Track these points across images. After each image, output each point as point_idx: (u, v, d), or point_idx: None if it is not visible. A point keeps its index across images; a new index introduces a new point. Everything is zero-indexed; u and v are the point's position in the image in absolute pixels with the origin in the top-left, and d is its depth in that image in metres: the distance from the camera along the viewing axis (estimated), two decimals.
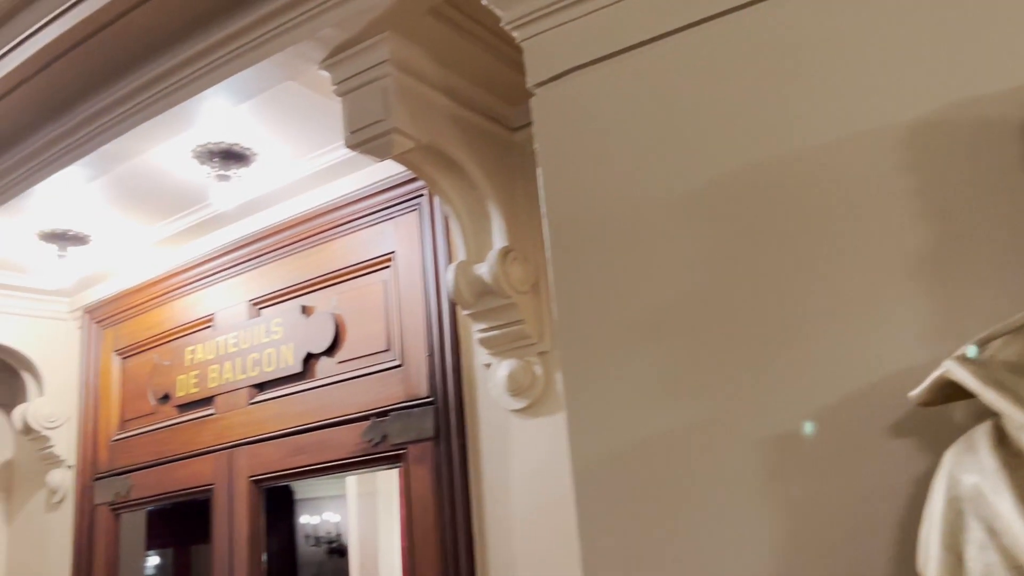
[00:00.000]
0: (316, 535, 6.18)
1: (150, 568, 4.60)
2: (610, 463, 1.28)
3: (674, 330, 1.26)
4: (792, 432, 1.13)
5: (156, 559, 4.84)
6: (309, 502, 6.20)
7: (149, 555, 4.33)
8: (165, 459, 2.97)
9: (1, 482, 3.63)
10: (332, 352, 2.59)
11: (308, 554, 6.09)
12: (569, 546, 1.40)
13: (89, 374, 3.31)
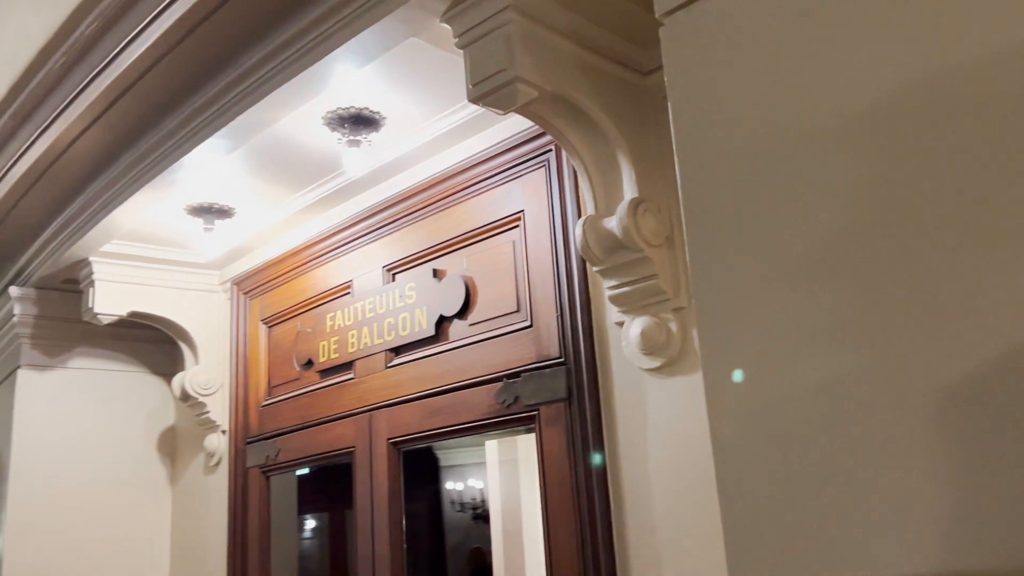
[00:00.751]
0: (461, 501, 6.32)
1: (307, 532, 4.80)
2: (752, 422, 1.17)
3: (827, 271, 1.14)
4: (969, 382, 0.99)
5: (313, 522, 5.06)
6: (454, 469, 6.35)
7: (306, 518, 4.52)
8: (309, 423, 3.07)
9: (165, 447, 3.88)
10: (464, 314, 2.58)
11: (454, 519, 6.25)
12: (711, 508, 1.31)
13: (239, 343, 3.47)
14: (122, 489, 3.72)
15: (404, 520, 2.76)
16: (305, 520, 4.61)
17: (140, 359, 3.90)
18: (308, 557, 4.66)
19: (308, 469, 3.85)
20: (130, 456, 3.77)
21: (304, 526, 4.60)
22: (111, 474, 3.70)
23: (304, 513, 4.21)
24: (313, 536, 5.08)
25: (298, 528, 3.87)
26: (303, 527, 4.53)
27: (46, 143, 2.55)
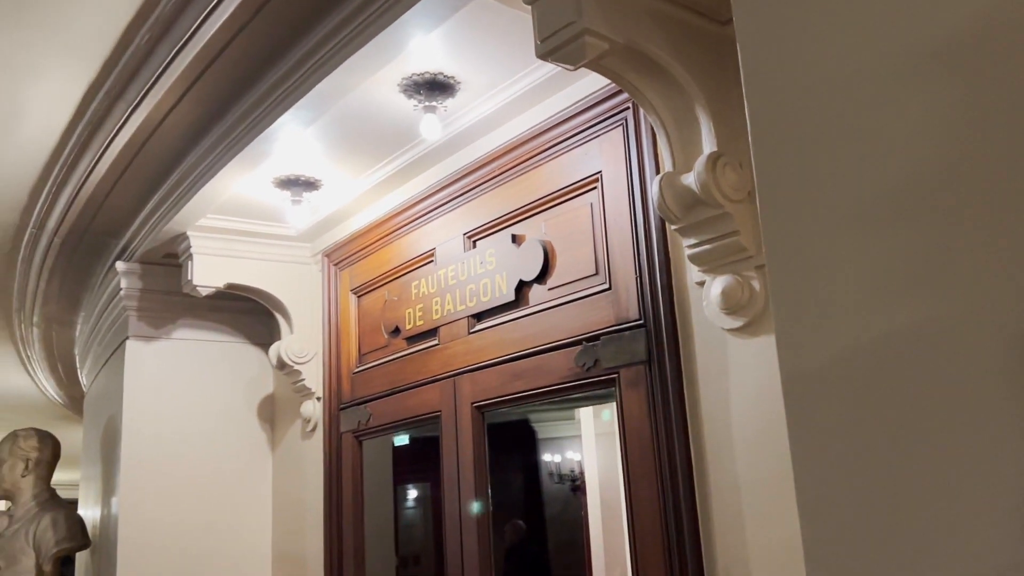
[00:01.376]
0: (559, 473, 6.37)
1: (410, 501, 4.90)
2: (825, 374, 1.11)
3: (906, 215, 1.06)
4: None
5: (414, 492, 5.18)
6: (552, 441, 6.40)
7: (408, 488, 4.62)
8: (398, 388, 3.12)
9: (265, 413, 4.03)
10: (543, 279, 2.57)
11: (553, 491, 6.30)
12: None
13: (330, 312, 3.56)
14: (226, 453, 3.89)
15: (489, 482, 2.77)
16: (407, 490, 4.72)
17: (239, 330, 4.05)
18: (409, 526, 4.75)
19: (406, 439, 3.95)
20: (232, 422, 3.94)
21: (405, 496, 4.70)
22: (215, 439, 3.88)
23: (403, 483, 4.30)
24: (414, 506, 5.19)
25: (396, 497, 3.94)
26: (403, 497, 4.62)
27: (139, 119, 2.65)
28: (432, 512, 5.10)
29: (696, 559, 2.05)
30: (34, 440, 4.26)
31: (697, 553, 2.05)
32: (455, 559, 2.77)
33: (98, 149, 2.91)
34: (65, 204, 3.36)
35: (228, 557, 3.77)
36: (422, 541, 4.48)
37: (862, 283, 1.08)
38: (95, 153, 2.94)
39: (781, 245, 1.18)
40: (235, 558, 3.77)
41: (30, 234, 3.74)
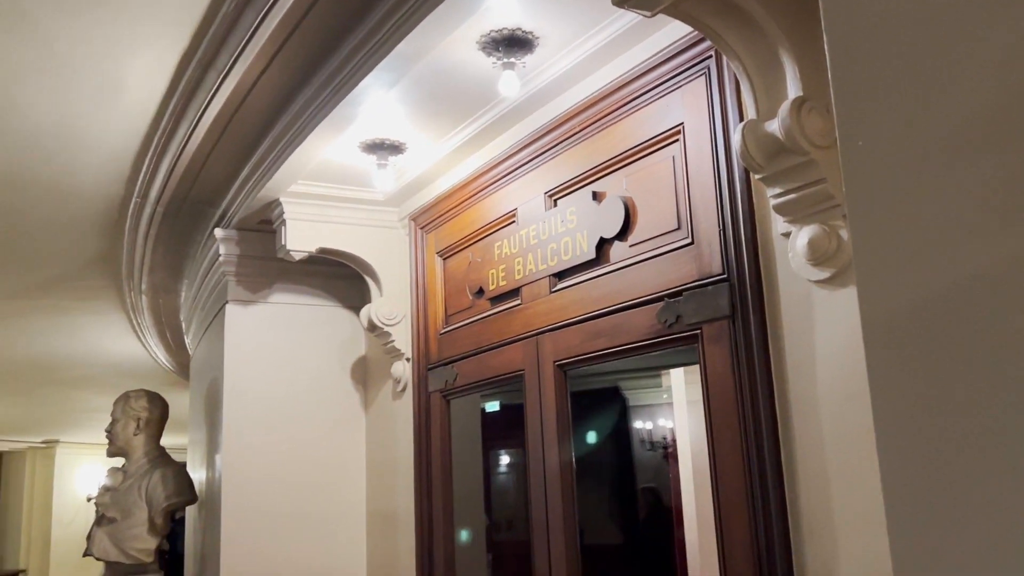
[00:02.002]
0: (651, 440, 6.35)
1: (501, 467, 4.97)
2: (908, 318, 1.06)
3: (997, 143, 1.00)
4: None
5: (507, 458, 5.26)
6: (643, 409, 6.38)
7: (499, 453, 4.68)
8: (482, 348, 3.16)
9: (358, 375, 4.15)
10: (624, 236, 2.54)
11: (645, 458, 6.30)
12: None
13: (417, 275, 3.62)
14: (321, 414, 4.03)
15: (572, 440, 2.78)
16: (498, 456, 4.79)
17: (332, 294, 4.17)
18: (500, 492, 4.82)
19: (496, 406, 4.01)
20: (327, 384, 4.07)
21: (496, 462, 4.77)
22: (311, 400, 4.02)
23: (493, 449, 4.37)
24: (506, 471, 5.27)
25: (487, 463, 3.99)
26: (495, 463, 4.68)
27: (230, 87, 2.74)
28: (522, 477, 5.17)
29: (781, 517, 2.01)
30: (144, 400, 4.52)
31: (782, 511, 2.01)
32: (539, 513, 2.80)
33: (193, 118, 3.03)
34: (165, 174, 3.52)
35: (325, 513, 3.91)
36: (513, 506, 4.55)
37: (949, 220, 1.02)
38: (191, 122, 3.07)
39: (862, 182, 1.12)
40: (331, 514, 3.92)
41: (134, 204, 3.93)
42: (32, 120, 3.14)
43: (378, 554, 3.85)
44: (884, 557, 1.76)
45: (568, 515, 2.72)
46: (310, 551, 3.84)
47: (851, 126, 1.12)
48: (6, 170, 3.54)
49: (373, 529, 3.92)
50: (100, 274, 5.25)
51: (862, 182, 1.11)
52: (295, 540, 3.83)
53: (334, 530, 3.91)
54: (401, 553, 3.60)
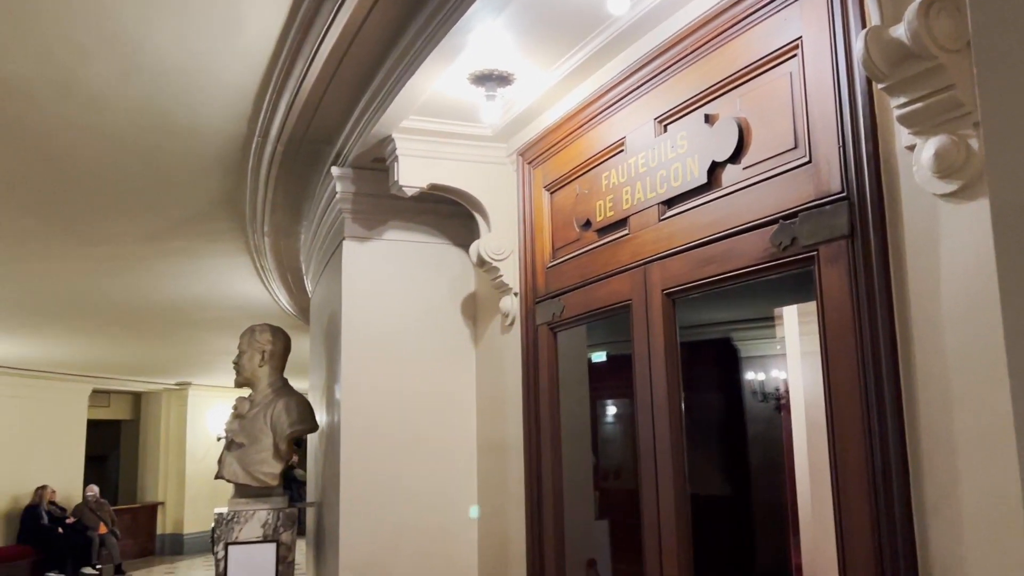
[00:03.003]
0: (763, 391, 6.24)
1: (609, 418, 4.99)
2: None
3: None
4: None
5: (614, 408, 5.28)
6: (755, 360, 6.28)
7: (607, 403, 4.70)
8: (589, 280, 3.17)
9: (469, 311, 4.23)
10: (737, 158, 2.48)
11: (756, 409, 6.20)
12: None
13: (525, 210, 3.64)
14: (433, 347, 4.15)
15: (680, 372, 2.77)
16: (605, 406, 4.81)
17: (442, 232, 4.26)
18: (607, 442, 4.85)
19: (604, 356, 4.02)
20: (439, 318, 4.18)
21: (604, 412, 4.78)
22: (424, 334, 4.14)
23: (600, 399, 4.39)
24: (613, 422, 5.29)
25: (594, 412, 4.01)
26: (602, 414, 4.69)
27: (343, 20, 2.81)
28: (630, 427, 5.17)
29: (899, 444, 1.95)
30: (268, 334, 4.76)
31: (900, 438, 1.95)
32: (647, 449, 2.80)
33: (309, 54, 3.12)
34: (284, 111, 3.65)
35: (438, 442, 4.05)
36: (620, 456, 4.57)
37: None
38: (307, 58, 3.16)
39: (998, 86, 1.05)
40: (444, 443, 4.05)
41: (256, 143, 4.10)
42: (160, 60, 3.30)
43: (488, 480, 3.96)
44: (1008, 484, 1.70)
45: (677, 453, 2.71)
46: (424, 476, 3.99)
47: (987, 26, 1.05)
48: (139, 108, 3.74)
49: (483, 457, 4.03)
50: (226, 216, 5.52)
51: (998, 86, 1.04)
52: (409, 465, 3.98)
53: (446, 457, 4.04)
54: (510, 480, 3.69)
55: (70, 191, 4.97)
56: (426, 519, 3.97)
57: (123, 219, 5.55)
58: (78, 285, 7.55)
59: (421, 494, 3.98)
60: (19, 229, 5.74)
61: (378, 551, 3.89)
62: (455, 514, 4.01)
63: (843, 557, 2.07)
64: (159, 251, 6.38)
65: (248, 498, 4.49)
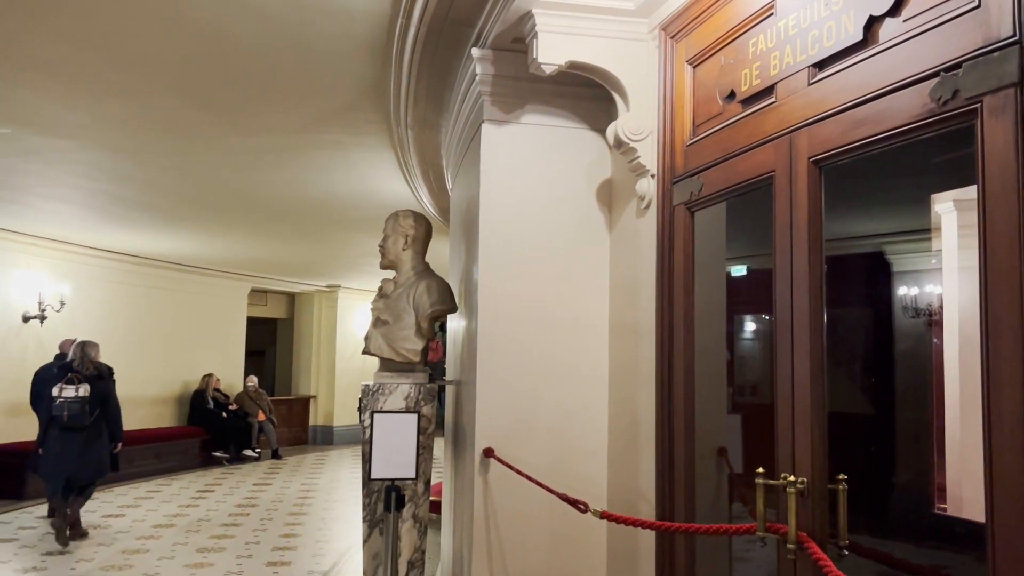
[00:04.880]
0: (915, 307, 5.98)
1: (747, 333, 4.90)
2: None
3: None
4: None
5: (752, 325, 5.17)
6: (909, 274, 6.01)
7: (744, 320, 4.62)
8: (730, 154, 3.09)
9: (603, 196, 4.23)
10: (896, 10, 2.32)
11: (906, 325, 5.96)
12: None
13: (665, 87, 3.56)
14: (568, 232, 4.19)
15: (822, 245, 2.68)
16: (743, 322, 4.72)
17: (579, 115, 4.23)
18: (744, 358, 4.77)
19: (743, 270, 3.93)
20: (574, 203, 4.20)
21: (741, 328, 4.70)
22: (559, 219, 4.18)
23: (738, 314, 4.32)
24: (751, 338, 5.19)
25: (729, 323, 3.94)
26: (738, 328, 4.61)
27: None
28: (767, 345, 5.05)
29: None
30: (411, 219, 4.93)
31: None
32: (783, 329, 2.74)
33: None
34: None
35: (571, 323, 4.12)
36: (759, 373, 4.49)
37: None
38: None
39: None
40: (577, 324, 4.12)
41: (400, 24, 4.18)
42: None
43: (619, 362, 4.02)
44: None
45: (816, 327, 2.65)
46: (557, 355, 4.09)
47: None
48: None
49: (615, 339, 4.08)
50: (372, 107, 5.69)
51: None
52: (543, 345, 4.09)
53: (579, 338, 4.12)
54: (642, 360, 3.73)
55: (228, 79, 5.25)
56: (558, 397, 4.09)
57: (277, 109, 5.82)
58: (238, 179, 8.02)
59: (554, 372, 4.09)
60: (183, 120, 6.14)
61: (512, 425, 4.06)
62: (586, 393, 4.10)
63: (990, 478, 1.98)
64: (310, 143, 6.67)
65: (392, 372, 4.75)
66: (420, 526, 4.64)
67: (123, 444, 8.75)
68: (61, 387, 8.06)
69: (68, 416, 7.95)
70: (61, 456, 8.05)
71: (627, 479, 3.86)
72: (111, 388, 8.41)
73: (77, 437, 8.05)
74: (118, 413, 8.50)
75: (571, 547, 4.01)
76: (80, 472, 8.19)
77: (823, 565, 2.23)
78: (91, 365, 8.29)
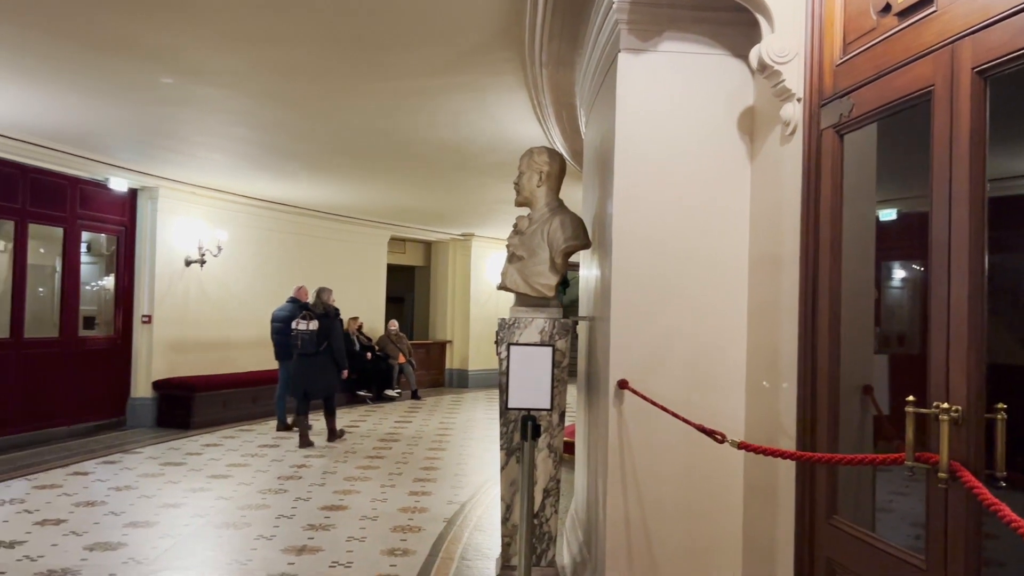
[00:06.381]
0: None
1: (895, 281, 4.66)
2: None
3: None
4: None
5: (901, 272, 4.90)
6: None
7: (892, 267, 4.39)
8: (884, 71, 2.91)
9: (745, 125, 4.09)
10: None
11: None
12: None
13: (813, 4, 3.38)
14: (707, 163, 4.08)
15: (985, 164, 2.50)
16: (891, 268, 4.48)
17: (720, 41, 4.09)
18: (893, 307, 4.54)
19: (893, 214, 3.71)
20: (712, 133, 4.09)
21: (889, 275, 4.46)
22: (697, 148, 4.08)
23: (887, 260, 4.10)
24: (900, 286, 4.91)
25: (877, 272, 3.74)
26: (886, 275, 4.38)
27: None
28: (919, 294, 4.76)
29: None
30: (545, 155, 4.95)
31: None
32: (939, 250, 2.59)
33: None
34: None
35: (707, 257, 4.05)
36: (908, 323, 4.27)
37: None
38: None
39: None
40: (715, 256, 4.04)
41: None
42: None
43: (760, 293, 3.92)
44: None
45: (975, 255, 2.48)
46: (694, 287, 4.04)
47: None
48: None
49: (755, 270, 3.97)
50: (505, 46, 5.70)
51: None
52: (679, 276, 4.04)
53: (717, 269, 4.04)
54: (783, 293, 3.63)
55: (370, 20, 5.38)
56: (694, 330, 4.04)
57: (415, 52, 5.93)
58: (378, 124, 8.26)
59: (690, 306, 4.04)
60: (327, 66, 6.36)
61: (646, 358, 4.05)
62: (723, 327, 4.03)
63: None
64: (446, 86, 6.77)
65: (527, 307, 4.83)
66: (555, 456, 4.74)
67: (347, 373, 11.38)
68: (297, 321, 10.45)
69: (301, 344, 10.33)
70: (299, 375, 10.47)
71: (766, 414, 3.80)
72: (335, 325, 10.67)
73: (309, 361, 10.40)
74: (341, 346, 10.75)
75: (706, 479, 3.99)
76: (313, 388, 10.50)
77: (978, 493, 2.13)
78: (322, 306, 10.65)
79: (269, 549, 6.05)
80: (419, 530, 6.66)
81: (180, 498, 7.63)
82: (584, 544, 5.04)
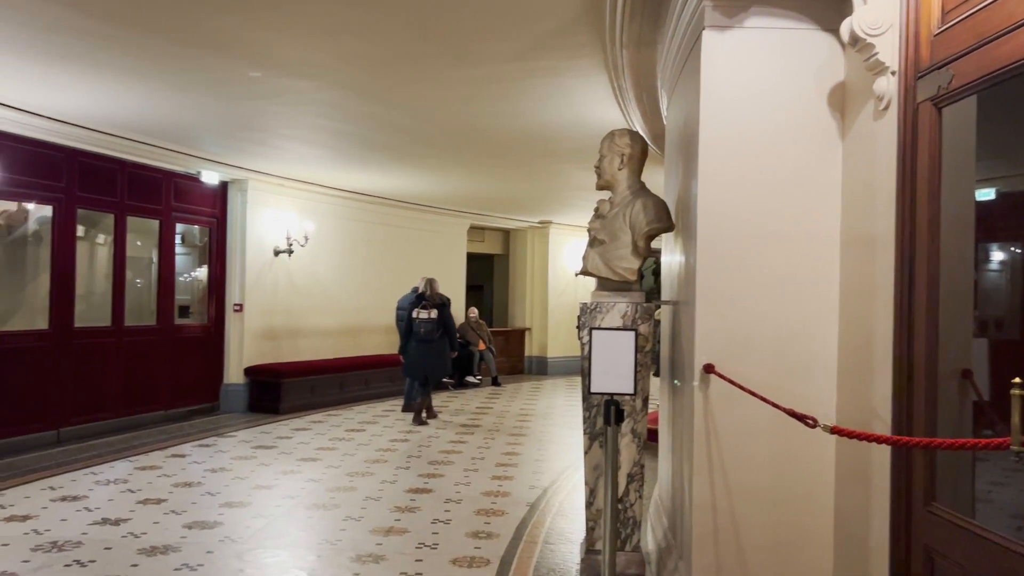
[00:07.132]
0: None
1: (994, 263, 4.45)
2: None
3: None
4: None
5: (1001, 255, 4.66)
6: None
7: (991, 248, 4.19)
8: (987, 39, 2.77)
9: (835, 101, 3.96)
10: None
11: None
12: None
13: None
14: (794, 140, 3.97)
15: None
16: (989, 250, 4.27)
17: (808, 15, 3.97)
18: (992, 290, 4.33)
19: (991, 194, 3.53)
20: (800, 109, 3.97)
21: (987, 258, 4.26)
22: (786, 127, 3.97)
23: (986, 241, 3.91)
24: (999, 269, 4.68)
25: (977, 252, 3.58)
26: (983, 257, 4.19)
27: None
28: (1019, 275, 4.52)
29: None
30: (627, 138, 4.90)
31: None
32: None
33: None
34: None
35: (796, 237, 3.95)
36: (1007, 307, 4.07)
37: None
38: None
39: None
40: (805, 237, 3.93)
41: None
42: None
43: (852, 273, 3.80)
44: None
45: None
46: (782, 269, 3.94)
47: None
48: None
49: (847, 251, 3.85)
50: (586, 29, 5.66)
51: None
52: (767, 258, 3.95)
53: (807, 251, 3.93)
54: (878, 274, 3.51)
55: (450, 10, 5.41)
56: (783, 313, 3.95)
57: (494, 37, 5.94)
58: (458, 112, 8.32)
59: (778, 288, 3.95)
60: (410, 55, 6.43)
61: (733, 342, 3.98)
62: (814, 309, 3.93)
63: None
64: (526, 71, 6.76)
65: (609, 291, 4.81)
66: (639, 441, 4.71)
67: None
68: (418, 311, 11.50)
69: (423, 332, 11.39)
70: (419, 360, 11.45)
71: (859, 398, 3.68)
72: (449, 313, 11.71)
73: (428, 347, 11.42)
74: (454, 331, 11.86)
75: (796, 464, 3.91)
76: (432, 372, 11.57)
77: None
78: (436, 296, 11.62)
79: (357, 530, 6.21)
80: (502, 514, 6.72)
81: (272, 480, 7.89)
82: (669, 530, 5.00)
